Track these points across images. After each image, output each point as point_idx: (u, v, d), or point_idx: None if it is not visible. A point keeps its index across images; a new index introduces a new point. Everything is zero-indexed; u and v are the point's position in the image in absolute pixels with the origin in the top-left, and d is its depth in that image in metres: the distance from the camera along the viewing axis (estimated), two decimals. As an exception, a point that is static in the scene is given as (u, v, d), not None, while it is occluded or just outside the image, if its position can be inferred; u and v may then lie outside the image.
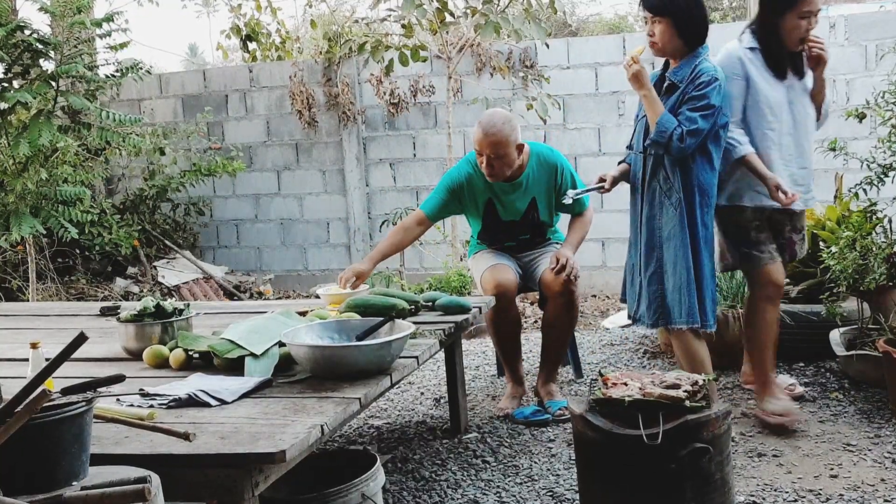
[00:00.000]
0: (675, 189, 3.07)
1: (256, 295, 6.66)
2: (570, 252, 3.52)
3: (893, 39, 5.29)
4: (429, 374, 4.31)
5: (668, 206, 3.09)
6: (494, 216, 3.67)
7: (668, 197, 3.09)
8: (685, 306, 3.08)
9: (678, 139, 2.98)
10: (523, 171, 3.59)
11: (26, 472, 1.53)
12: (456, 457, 3.17)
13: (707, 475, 2.21)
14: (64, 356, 1.56)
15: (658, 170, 3.12)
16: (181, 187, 6.64)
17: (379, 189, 6.86)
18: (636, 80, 3.06)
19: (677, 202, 3.07)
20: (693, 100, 3.00)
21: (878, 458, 2.93)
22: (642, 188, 3.19)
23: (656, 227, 3.13)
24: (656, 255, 3.13)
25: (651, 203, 3.15)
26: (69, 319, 3.65)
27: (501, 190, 3.61)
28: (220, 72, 7.31)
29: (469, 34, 6.07)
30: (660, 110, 3.03)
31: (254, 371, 2.44)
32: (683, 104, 3.02)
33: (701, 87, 3.00)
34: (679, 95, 3.05)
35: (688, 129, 2.97)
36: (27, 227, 4.99)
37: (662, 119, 3.01)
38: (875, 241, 3.68)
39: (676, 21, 3.03)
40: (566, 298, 3.50)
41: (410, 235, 3.68)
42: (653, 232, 3.14)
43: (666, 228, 3.10)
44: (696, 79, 3.02)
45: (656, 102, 3.05)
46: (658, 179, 3.12)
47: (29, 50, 5.12)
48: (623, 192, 3.39)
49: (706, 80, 2.99)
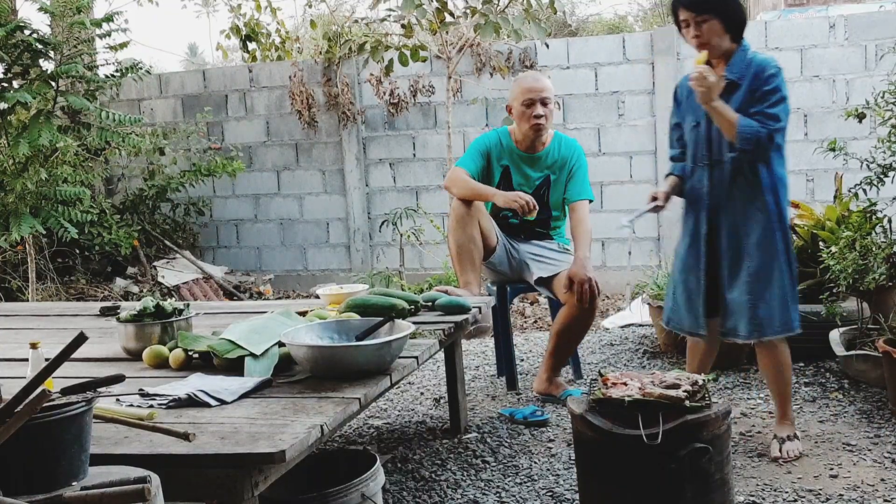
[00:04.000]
0: (759, 192, 2.89)
1: (256, 295, 6.66)
2: (584, 272, 3.52)
3: (893, 39, 5.29)
4: (429, 374, 4.31)
5: (754, 210, 2.90)
6: (508, 182, 3.79)
7: (752, 202, 2.90)
8: (785, 313, 2.91)
9: (768, 140, 2.81)
10: (544, 147, 3.79)
11: (26, 472, 1.53)
12: (456, 457, 3.17)
13: (707, 475, 2.21)
14: (64, 356, 1.56)
15: (738, 177, 2.91)
16: (181, 187, 6.64)
17: (379, 189, 6.85)
18: (712, 93, 2.81)
19: (763, 206, 2.89)
20: (767, 95, 2.83)
21: (877, 458, 2.93)
22: (710, 200, 2.98)
23: (742, 235, 2.92)
24: (746, 264, 2.92)
25: (731, 212, 2.94)
26: (69, 319, 3.65)
27: (521, 159, 3.78)
28: (220, 72, 7.31)
29: (469, 34, 6.07)
30: (734, 117, 2.81)
31: (253, 371, 2.44)
32: (756, 101, 2.83)
33: (770, 80, 2.83)
34: (746, 93, 2.85)
35: (774, 128, 2.81)
36: (27, 227, 4.99)
37: (743, 126, 2.80)
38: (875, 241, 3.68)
39: (723, 15, 2.86)
40: (588, 309, 3.57)
41: None
42: (740, 241, 2.93)
43: (754, 235, 2.90)
44: (760, 72, 2.85)
45: (727, 110, 2.83)
46: (737, 186, 2.92)
47: (29, 50, 5.12)
48: (623, 191, 3.39)
49: (773, 72, 2.84)
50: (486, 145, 3.81)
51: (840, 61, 5.83)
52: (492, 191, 3.68)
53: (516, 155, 3.79)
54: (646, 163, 6.23)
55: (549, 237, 3.88)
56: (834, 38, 5.84)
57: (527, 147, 3.78)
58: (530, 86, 3.69)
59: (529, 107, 3.67)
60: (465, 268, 3.67)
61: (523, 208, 3.53)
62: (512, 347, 4.01)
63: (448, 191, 3.78)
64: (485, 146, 3.81)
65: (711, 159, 2.97)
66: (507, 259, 3.84)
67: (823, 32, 5.87)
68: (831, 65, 5.87)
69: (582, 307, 3.54)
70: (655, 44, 6.14)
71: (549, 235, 3.88)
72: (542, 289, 3.84)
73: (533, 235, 3.86)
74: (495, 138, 3.83)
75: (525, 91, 3.68)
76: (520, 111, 3.70)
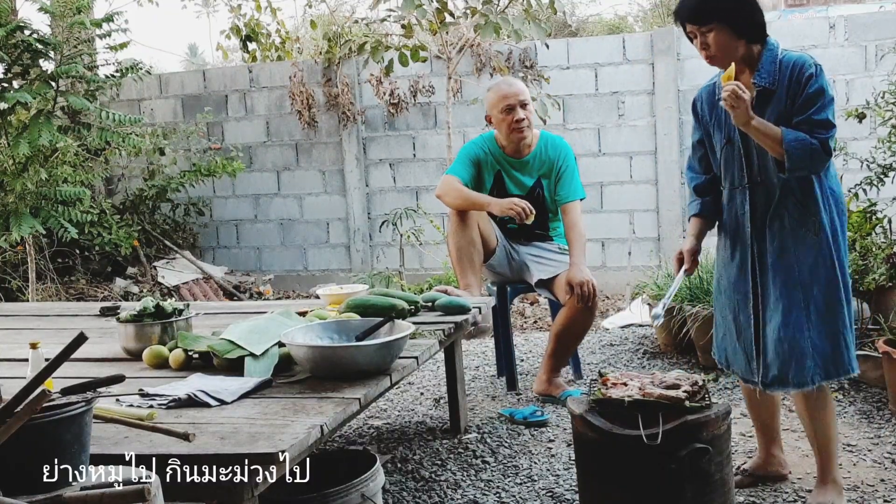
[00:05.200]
0: (811, 211, 2.48)
1: (256, 295, 6.65)
2: (582, 275, 3.53)
3: (893, 40, 5.30)
4: (428, 375, 4.31)
5: (805, 233, 2.48)
6: (502, 188, 3.78)
7: (803, 223, 2.49)
8: (843, 354, 2.49)
9: (823, 152, 2.41)
10: (531, 151, 3.76)
11: (26, 472, 1.53)
12: (456, 457, 3.17)
13: (707, 475, 2.21)
14: (64, 356, 1.56)
15: (786, 197, 2.50)
16: (181, 187, 6.64)
17: (379, 189, 6.85)
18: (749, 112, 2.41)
19: (816, 226, 2.48)
20: (811, 99, 2.42)
21: (877, 459, 2.93)
22: (753, 225, 2.56)
23: (794, 262, 2.50)
24: (800, 296, 2.49)
25: (779, 237, 2.52)
26: (69, 319, 3.65)
27: (510, 164, 3.77)
28: (220, 72, 7.31)
29: (469, 34, 6.07)
30: (778, 133, 2.41)
31: (253, 371, 2.44)
32: (800, 109, 2.43)
33: (811, 82, 2.43)
34: (785, 100, 2.46)
35: (826, 137, 2.41)
36: (27, 227, 4.99)
37: (791, 141, 2.39)
38: (875, 242, 3.69)
39: (730, 21, 2.45)
40: (588, 308, 3.58)
41: None
42: (790, 270, 2.50)
43: (807, 261, 2.49)
44: (798, 74, 2.44)
45: (769, 128, 2.42)
46: (786, 208, 2.50)
47: (29, 50, 5.12)
48: (623, 191, 3.38)
49: (811, 71, 2.43)
50: (475, 153, 3.78)
51: (840, 62, 5.82)
52: (486, 199, 3.66)
53: (505, 161, 3.78)
54: (646, 163, 6.23)
55: (548, 238, 3.88)
56: (834, 38, 5.84)
57: (513, 152, 3.77)
58: (505, 92, 3.66)
59: (509, 113, 3.65)
60: (466, 271, 3.67)
61: (520, 215, 3.52)
62: (512, 348, 4.01)
63: (440, 200, 3.75)
64: (474, 154, 3.78)
65: (752, 180, 2.55)
66: (507, 261, 3.84)
67: (823, 33, 5.87)
68: (831, 65, 5.86)
69: (582, 307, 3.55)
70: (655, 44, 6.14)
71: (548, 237, 3.88)
72: (542, 290, 3.85)
73: (532, 237, 3.86)
74: (483, 145, 3.81)
75: (501, 98, 3.65)
76: (499, 119, 3.67)
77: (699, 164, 2.74)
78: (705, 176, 2.72)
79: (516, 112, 3.64)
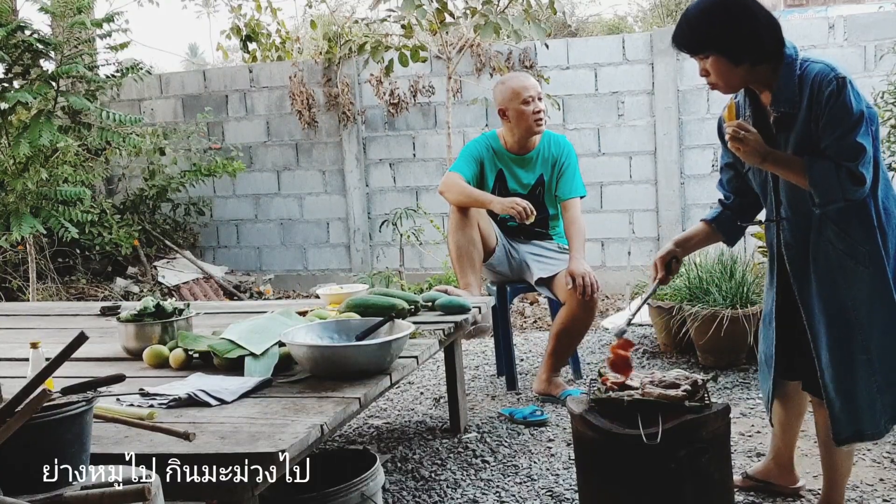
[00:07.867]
0: (859, 240, 2.22)
1: (256, 295, 6.66)
2: (582, 267, 3.55)
3: (893, 40, 5.31)
4: (428, 374, 4.31)
5: (855, 265, 2.23)
6: (504, 186, 3.80)
7: (852, 255, 2.23)
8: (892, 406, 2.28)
9: (856, 182, 2.14)
10: (534, 148, 3.79)
11: (26, 472, 1.53)
12: (455, 456, 3.17)
13: (706, 475, 2.21)
14: (64, 356, 1.56)
15: (824, 228, 2.25)
16: (181, 187, 6.65)
17: (379, 189, 6.86)
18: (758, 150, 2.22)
19: (866, 257, 2.22)
20: (835, 121, 2.15)
21: (877, 458, 2.93)
22: (792, 259, 2.33)
23: (846, 299, 2.25)
24: (857, 338, 2.25)
25: (826, 272, 2.27)
26: (69, 319, 3.66)
27: (513, 161, 3.79)
28: (220, 72, 7.31)
29: (469, 35, 6.07)
30: (799, 165, 2.19)
31: (254, 371, 2.44)
32: (825, 132, 2.17)
33: (833, 99, 2.16)
34: (808, 122, 2.20)
35: (855, 164, 2.13)
36: (27, 227, 5.00)
37: (816, 174, 2.15)
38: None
39: (723, 50, 2.22)
40: (587, 306, 3.58)
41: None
42: (841, 309, 2.26)
43: (860, 296, 2.24)
44: (815, 92, 2.19)
45: (789, 162, 2.22)
46: (827, 240, 2.26)
47: (29, 50, 5.13)
48: (622, 191, 3.38)
49: (833, 87, 2.16)
50: (478, 151, 3.81)
51: (839, 62, 5.74)
52: (488, 197, 3.67)
53: (507, 158, 3.80)
54: (645, 163, 6.23)
55: (548, 237, 3.89)
56: (833, 38, 5.84)
57: (518, 149, 3.79)
58: (522, 84, 3.70)
59: (528, 105, 3.68)
60: (466, 270, 3.68)
61: (521, 214, 3.53)
62: (512, 347, 4.01)
63: (443, 196, 3.77)
64: (477, 152, 3.80)
65: (779, 214, 2.35)
66: (507, 260, 3.85)
67: (823, 33, 5.87)
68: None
69: (583, 305, 3.54)
70: (655, 44, 6.14)
71: (548, 235, 3.89)
72: (542, 289, 3.85)
73: (532, 236, 3.87)
74: (486, 143, 3.83)
75: (521, 89, 3.68)
76: (518, 111, 3.69)
77: (727, 185, 2.58)
78: (734, 197, 2.56)
79: (534, 103, 3.68)
